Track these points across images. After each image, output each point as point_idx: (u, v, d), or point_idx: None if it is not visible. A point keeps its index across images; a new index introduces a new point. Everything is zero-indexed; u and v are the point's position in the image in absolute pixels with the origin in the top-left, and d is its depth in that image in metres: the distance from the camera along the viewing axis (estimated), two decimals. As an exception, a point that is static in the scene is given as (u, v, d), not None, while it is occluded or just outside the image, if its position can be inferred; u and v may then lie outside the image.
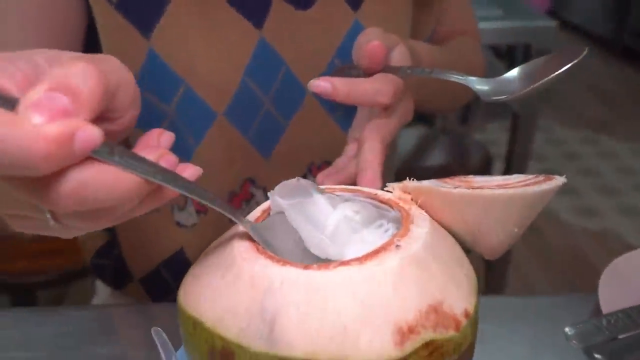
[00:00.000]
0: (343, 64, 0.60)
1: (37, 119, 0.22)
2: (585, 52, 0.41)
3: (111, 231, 0.69)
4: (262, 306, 0.30)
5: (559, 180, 0.37)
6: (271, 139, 0.62)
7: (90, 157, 0.24)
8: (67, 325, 0.56)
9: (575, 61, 0.40)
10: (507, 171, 1.76)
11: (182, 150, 0.59)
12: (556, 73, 0.41)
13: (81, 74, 0.24)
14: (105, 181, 0.25)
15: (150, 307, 0.66)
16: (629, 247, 0.59)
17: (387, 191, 0.41)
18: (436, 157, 1.88)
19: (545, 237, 2.25)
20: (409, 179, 0.41)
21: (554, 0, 3.80)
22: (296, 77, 0.60)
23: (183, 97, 0.57)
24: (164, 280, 0.68)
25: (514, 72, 0.45)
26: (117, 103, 0.28)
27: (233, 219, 0.33)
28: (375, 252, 0.33)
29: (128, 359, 0.53)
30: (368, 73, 0.49)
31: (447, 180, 0.44)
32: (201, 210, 0.64)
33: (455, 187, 0.39)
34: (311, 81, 0.47)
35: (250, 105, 0.59)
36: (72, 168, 0.24)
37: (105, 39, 0.56)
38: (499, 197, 0.36)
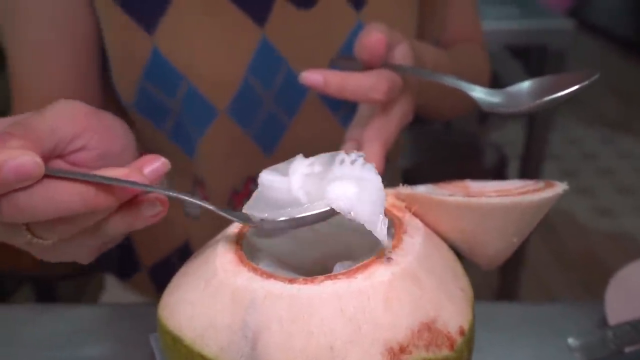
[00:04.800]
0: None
1: None
2: (596, 77, 0.39)
3: None
4: (244, 322, 0.29)
5: (559, 188, 0.36)
6: (273, 137, 0.62)
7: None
8: (70, 323, 0.57)
9: (585, 83, 0.39)
10: (524, 171, 1.73)
11: (188, 143, 0.62)
12: (563, 92, 0.39)
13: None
14: (46, 190, 0.28)
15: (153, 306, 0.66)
16: (648, 250, 0.57)
17: None
18: (452, 157, 1.86)
19: (561, 238, 2.22)
20: (403, 185, 0.40)
21: (575, 0, 3.75)
22: (298, 75, 0.59)
23: (186, 93, 0.57)
24: (172, 271, 0.68)
25: (520, 86, 0.43)
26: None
27: (204, 205, 0.34)
28: (365, 265, 0.31)
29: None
30: (367, 67, 0.47)
31: (443, 185, 0.43)
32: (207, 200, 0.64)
33: (450, 195, 0.37)
34: (303, 73, 0.46)
35: (252, 103, 0.59)
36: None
37: (109, 37, 0.56)
38: (497, 205, 0.35)
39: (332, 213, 0.32)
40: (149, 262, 0.70)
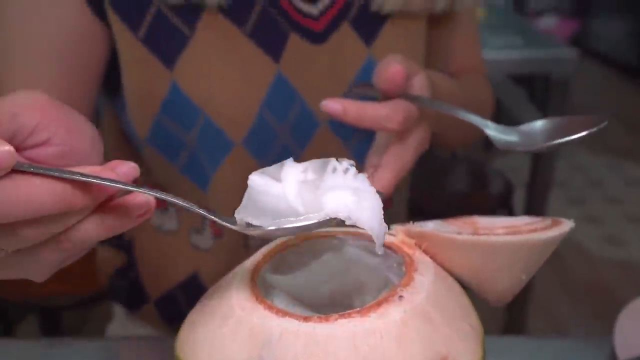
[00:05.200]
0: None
1: None
2: (605, 123, 0.41)
3: (129, 253, 0.71)
4: (261, 359, 0.30)
5: (566, 226, 0.37)
6: None
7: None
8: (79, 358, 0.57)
9: (594, 130, 0.41)
10: (530, 199, 1.73)
11: (201, 177, 0.62)
12: (575, 136, 0.41)
13: None
14: (15, 186, 0.25)
15: (162, 340, 0.66)
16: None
17: (391, 234, 0.40)
18: (457, 185, 1.87)
19: (569, 267, 2.20)
20: (412, 222, 0.40)
21: (578, 28, 3.80)
22: (311, 108, 0.61)
23: (203, 127, 0.58)
24: (178, 304, 0.69)
25: (534, 125, 0.45)
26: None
27: (186, 206, 0.31)
28: (378, 304, 0.32)
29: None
30: (385, 96, 0.49)
31: (452, 221, 0.44)
32: (218, 234, 0.65)
33: (459, 232, 0.38)
34: (323, 101, 0.48)
35: (266, 136, 0.60)
36: None
37: (129, 71, 0.58)
38: (505, 244, 0.36)
39: (329, 223, 0.32)
40: (156, 294, 0.70)
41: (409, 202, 0.80)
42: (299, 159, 0.62)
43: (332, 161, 0.34)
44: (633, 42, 4.09)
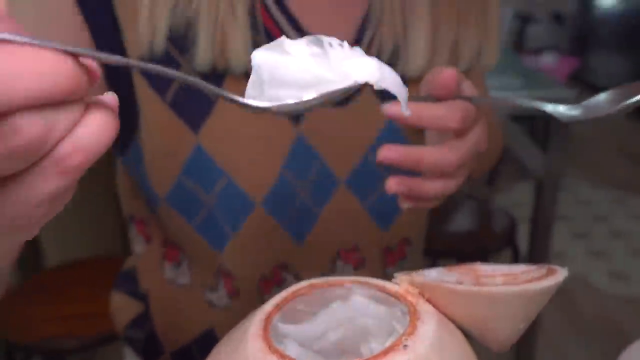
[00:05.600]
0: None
1: None
2: None
3: (145, 303, 0.71)
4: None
5: (561, 275, 0.39)
6: (304, 226, 0.64)
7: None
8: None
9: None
10: (534, 234, 1.74)
11: (217, 237, 0.62)
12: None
13: None
14: (17, 57, 0.19)
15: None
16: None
17: (395, 283, 0.42)
18: (462, 222, 1.89)
19: (575, 302, 2.20)
20: (416, 272, 0.42)
21: (578, 65, 3.87)
22: (330, 169, 0.62)
23: (224, 188, 0.59)
24: (195, 358, 0.70)
25: (598, 98, 0.45)
26: None
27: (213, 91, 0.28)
28: (384, 353, 0.34)
29: None
30: (440, 100, 0.50)
31: (455, 268, 0.46)
32: (233, 293, 0.65)
33: (460, 281, 0.40)
34: (384, 105, 0.49)
35: (286, 196, 0.61)
36: None
37: (152, 133, 0.59)
38: (502, 294, 0.38)
39: (357, 87, 0.31)
40: (172, 347, 0.70)
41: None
42: (317, 217, 0.64)
43: (325, 37, 0.32)
44: (631, 76, 4.15)
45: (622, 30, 4.49)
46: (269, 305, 0.41)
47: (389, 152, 0.49)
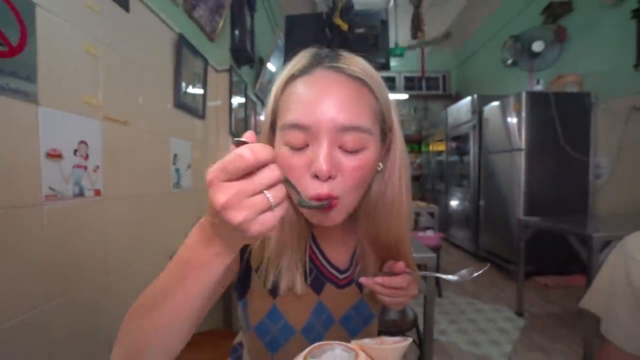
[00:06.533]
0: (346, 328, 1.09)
1: None
2: (487, 267, 0.95)
3: None
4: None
5: (408, 341, 0.99)
6: (316, 340, 1.07)
7: None
8: None
9: (482, 271, 1.01)
10: (426, 320, 2.37)
11: (270, 344, 1.05)
12: (476, 274, 1.02)
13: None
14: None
15: None
16: None
17: (352, 347, 0.99)
18: (392, 314, 2.54)
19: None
20: (360, 340, 1.05)
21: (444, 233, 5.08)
22: (334, 316, 1.07)
23: (283, 325, 1.03)
24: None
25: (461, 272, 1.05)
26: None
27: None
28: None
29: None
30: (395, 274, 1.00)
31: (378, 338, 1.05)
32: None
33: (377, 343, 1.02)
34: (361, 279, 0.98)
35: (313, 332, 1.05)
36: None
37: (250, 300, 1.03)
38: (389, 349, 0.98)
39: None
40: None
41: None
42: (323, 337, 1.15)
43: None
44: (469, 235, 5.70)
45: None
46: (299, 357, 0.96)
47: (366, 280, 0.93)
